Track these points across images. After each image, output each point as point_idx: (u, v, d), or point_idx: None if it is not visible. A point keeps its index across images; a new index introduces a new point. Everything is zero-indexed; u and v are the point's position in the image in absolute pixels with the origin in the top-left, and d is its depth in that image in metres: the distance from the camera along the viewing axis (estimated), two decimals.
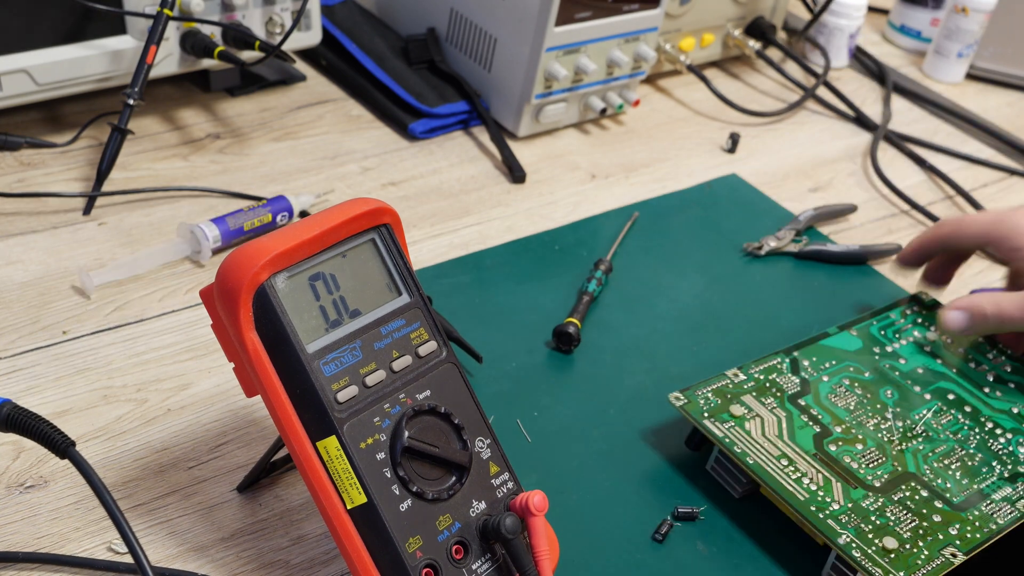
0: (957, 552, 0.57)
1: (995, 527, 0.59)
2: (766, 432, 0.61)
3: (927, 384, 0.68)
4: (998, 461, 0.63)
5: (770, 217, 0.88)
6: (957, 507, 0.60)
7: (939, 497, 0.60)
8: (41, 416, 0.46)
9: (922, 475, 0.61)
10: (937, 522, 0.58)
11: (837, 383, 0.66)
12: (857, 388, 0.66)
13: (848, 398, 0.65)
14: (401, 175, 0.86)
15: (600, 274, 0.76)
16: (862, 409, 0.65)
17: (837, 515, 0.57)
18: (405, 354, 0.50)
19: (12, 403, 0.46)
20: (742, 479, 0.61)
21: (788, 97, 1.09)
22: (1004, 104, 1.17)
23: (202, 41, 0.80)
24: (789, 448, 0.61)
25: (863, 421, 0.64)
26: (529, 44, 0.87)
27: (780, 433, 0.62)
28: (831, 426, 0.63)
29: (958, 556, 0.56)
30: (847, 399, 0.65)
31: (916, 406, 0.66)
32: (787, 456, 0.60)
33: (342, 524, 0.48)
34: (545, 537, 0.50)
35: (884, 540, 0.56)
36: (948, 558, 0.56)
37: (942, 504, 0.60)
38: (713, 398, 0.63)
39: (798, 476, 0.59)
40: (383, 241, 0.51)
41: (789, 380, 0.66)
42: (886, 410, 0.65)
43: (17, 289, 0.68)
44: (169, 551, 0.54)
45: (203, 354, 0.66)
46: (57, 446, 0.45)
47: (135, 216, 0.76)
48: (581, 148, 0.94)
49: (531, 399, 0.65)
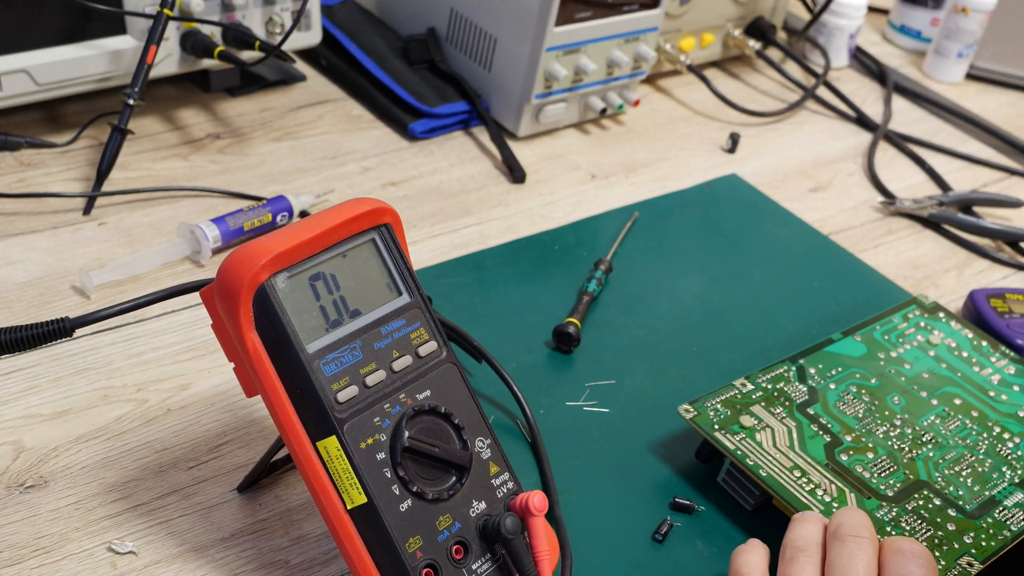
0: (973, 561, 0.56)
1: (1009, 534, 0.59)
2: (777, 443, 0.61)
3: (933, 389, 0.68)
4: (1008, 466, 0.63)
5: (770, 217, 0.89)
6: (970, 515, 0.59)
7: (952, 505, 0.60)
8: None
9: (934, 483, 0.61)
10: (952, 531, 0.58)
11: (844, 390, 0.66)
12: (865, 395, 0.66)
13: (856, 406, 0.65)
14: (401, 175, 0.86)
15: (600, 274, 0.76)
16: (871, 417, 0.65)
17: None
18: (405, 354, 0.50)
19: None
20: (755, 491, 0.61)
21: (788, 97, 1.09)
22: (1004, 104, 1.17)
23: (202, 41, 0.80)
24: (801, 459, 0.60)
25: (872, 429, 0.64)
26: (529, 44, 0.87)
27: (791, 444, 0.61)
28: (841, 435, 0.63)
29: (975, 565, 0.56)
30: (855, 407, 0.65)
31: (924, 412, 0.66)
32: (799, 467, 0.60)
33: (342, 524, 0.48)
34: (545, 537, 0.50)
35: None
36: (965, 568, 0.56)
37: (955, 512, 0.59)
38: (722, 409, 0.62)
39: (812, 488, 0.59)
40: (383, 241, 0.51)
41: (797, 389, 0.65)
42: (894, 417, 0.65)
43: (17, 289, 0.68)
44: (169, 551, 0.54)
45: (203, 354, 0.66)
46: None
47: (135, 216, 0.76)
48: (581, 148, 0.94)
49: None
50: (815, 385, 0.66)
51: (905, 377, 0.68)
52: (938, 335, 0.73)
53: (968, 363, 0.71)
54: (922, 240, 0.90)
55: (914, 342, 0.72)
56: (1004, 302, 0.78)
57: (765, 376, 0.66)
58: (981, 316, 0.77)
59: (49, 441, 0.59)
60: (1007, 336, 0.75)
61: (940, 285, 0.85)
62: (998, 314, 0.77)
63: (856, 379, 0.67)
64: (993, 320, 0.76)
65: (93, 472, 0.58)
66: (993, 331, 0.75)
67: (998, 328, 0.75)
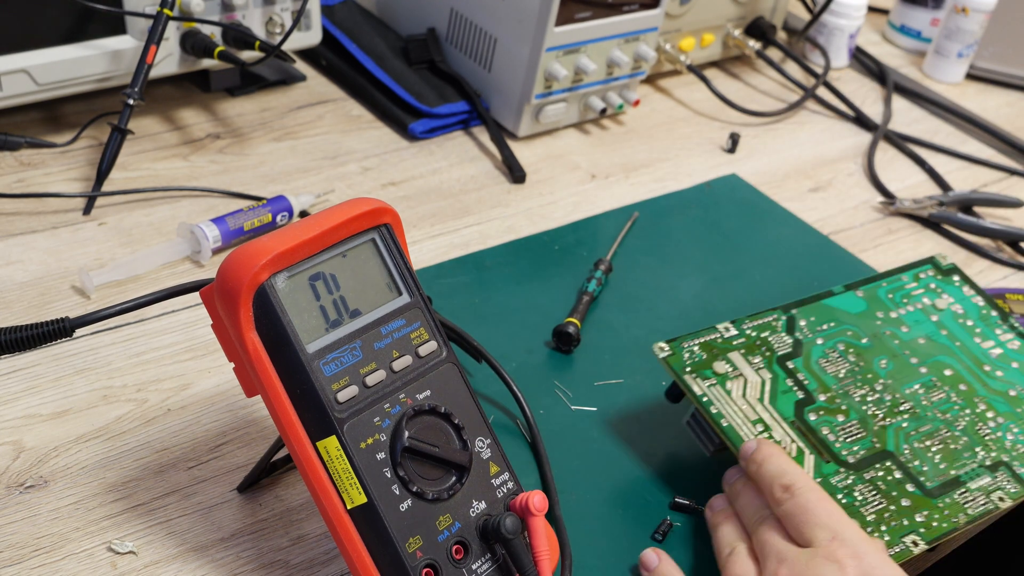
0: (919, 540, 0.55)
1: (964, 518, 0.57)
2: (747, 394, 0.60)
3: (926, 357, 0.66)
4: (983, 447, 0.61)
5: (770, 217, 0.89)
6: (929, 492, 0.58)
7: (912, 480, 0.59)
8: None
9: (900, 455, 0.60)
10: (905, 507, 0.57)
11: (831, 347, 0.64)
12: (851, 355, 0.64)
13: (840, 364, 0.63)
14: (401, 175, 0.86)
15: (600, 274, 0.76)
16: (852, 378, 0.63)
17: None
18: (405, 354, 0.50)
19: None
20: (715, 438, 0.59)
21: (788, 97, 1.09)
22: (1004, 104, 1.17)
23: (202, 41, 0.80)
24: (767, 413, 0.59)
25: (850, 391, 0.62)
26: (529, 44, 0.87)
27: (761, 396, 0.60)
28: (816, 393, 0.61)
29: (919, 545, 0.55)
30: (838, 365, 0.63)
31: (909, 380, 0.64)
32: (763, 421, 0.59)
33: (342, 524, 0.48)
34: (545, 537, 0.50)
35: None
36: (908, 546, 0.55)
37: (914, 488, 0.58)
38: (699, 352, 0.61)
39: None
40: (383, 241, 0.51)
41: (781, 340, 0.64)
42: (877, 381, 0.63)
43: (17, 289, 0.68)
44: (169, 551, 0.54)
45: (203, 354, 0.66)
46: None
47: (135, 216, 0.76)
48: (581, 148, 0.94)
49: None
50: (801, 338, 0.64)
51: (899, 340, 0.66)
52: (946, 299, 0.70)
53: (971, 332, 0.68)
54: (922, 240, 0.90)
55: (919, 304, 0.69)
56: (1004, 302, 0.78)
57: (752, 323, 0.64)
58: None
59: (49, 441, 0.59)
60: None
61: None
62: None
63: (847, 336, 0.65)
64: None
65: (93, 472, 0.58)
66: None
67: None
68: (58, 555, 0.53)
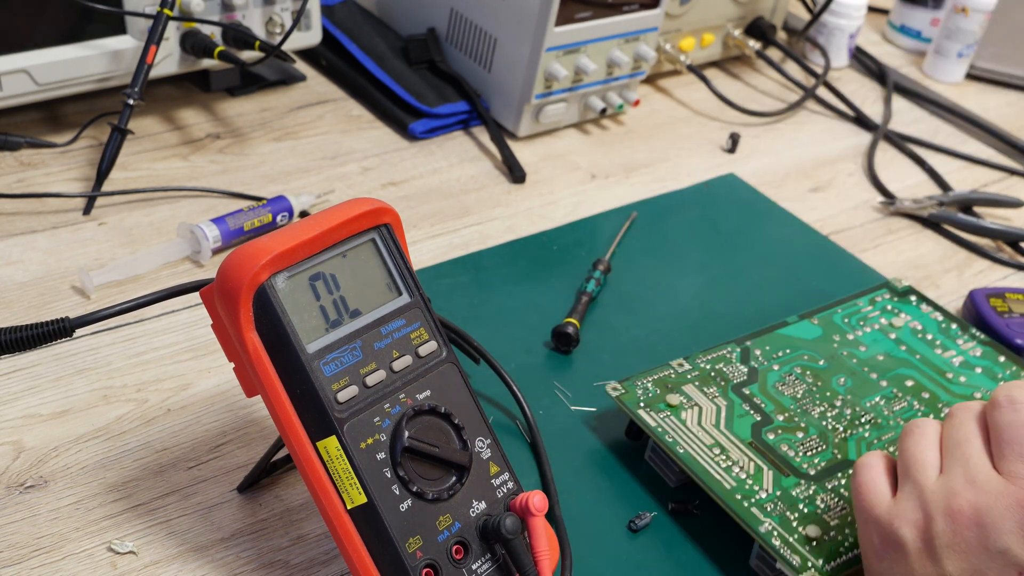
0: None
1: None
2: (702, 421, 0.61)
3: (885, 371, 0.67)
4: None
5: (769, 217, 0.89)
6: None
7: None
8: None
9: None
10: None
11: (788, 372, 0.65)
12: (808, 376, 0.65)
13: (797, 386, 0.64)
14: (401, 175, 0.86)
15: (598, 274, 0.76)
16: (809, 397, 0.64)
17: (763, 503, 0.57)
18: (405, 354, 0.50)
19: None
20: (676, 468, 0.60)
21: (788, 97, 1.09)
22: (1004, 104, 1.17)
23: (202, 41, 0.80)
24: (723, 437, 0.60)
25: (808, 409, 0.63)
26: (529, 44, 0.87)
27: (717, 422, 0.61)
28: (773, 414, 0.62)
29: None
30: (795, 387, 0.64)
31: (869, 393, 0.65)
32: (720, 444, 0.59)
33: (342, 524, 0.48)
34: (545, 537, 0.50)
35: (807, 528, 0.55)
36: None
37: None
38: (652, 388, 0.62)
39: (728, 465, 0.59)
40: (383, 241, 0.51)
41: (736, 369, 0.65)
42: (836, 398, 0.64)
43: (17, 289, 0.68)
44: (169, 551, 0.54)
45: (203, 354, 0.66)
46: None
47: (135, 216, 0.76)
48: (581, 148, 0.94)
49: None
50: (756, 366, 0.65)
51: (857, 359, 0.67)
52: (904, 318, 0.72)
53: (931, 345, 0.69)
54: (922, 240, 0.90)
55: (876, 325, 0.70)
56: (1004, 302, 0.78)
57: (706, 357, 0.65)
58: (981, 316, 0.77)
59: (49, 441, 0.59)
60: (1007, 336, 0.75)
61: (940, 285, 0.85)
62: (998, 314, 0.77)
63: (803, 360, 0.66)
64: (993, 320, 0.76)
65: (93, 472, 0.58)
66: (993, 331, 0.75)
67: (998, 328, 0.75)
68: (58, 555, 0.53)
